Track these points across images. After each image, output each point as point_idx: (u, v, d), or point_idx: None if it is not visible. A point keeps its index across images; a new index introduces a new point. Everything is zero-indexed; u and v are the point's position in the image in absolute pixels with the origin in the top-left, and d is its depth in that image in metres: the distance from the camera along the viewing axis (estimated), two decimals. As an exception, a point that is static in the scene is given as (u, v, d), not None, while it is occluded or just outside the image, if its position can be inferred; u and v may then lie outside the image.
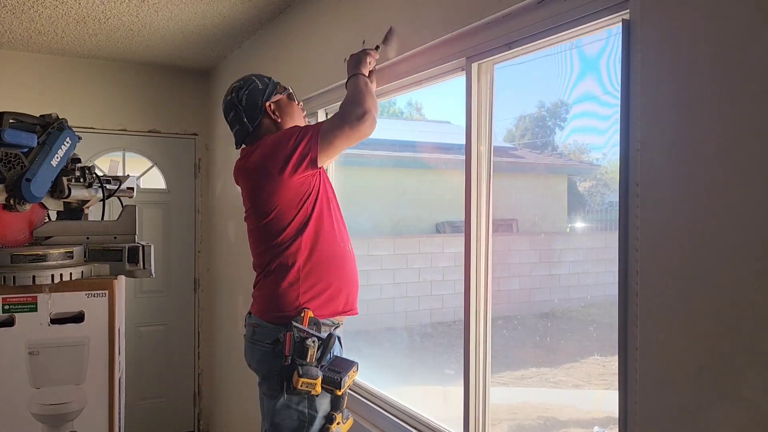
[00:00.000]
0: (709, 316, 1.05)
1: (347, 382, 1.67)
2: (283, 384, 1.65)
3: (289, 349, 1.63)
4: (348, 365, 1.69)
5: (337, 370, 1.66)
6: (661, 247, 1.13)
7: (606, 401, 2.03)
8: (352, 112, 1.67)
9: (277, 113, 1.86)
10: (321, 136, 1.67)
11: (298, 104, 1.96)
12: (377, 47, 1.96)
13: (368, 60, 1.86)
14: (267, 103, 1.84)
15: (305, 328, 1.65)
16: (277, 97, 1.87)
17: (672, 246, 1.11)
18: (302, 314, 1.67)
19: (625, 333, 1.21)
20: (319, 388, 1.63)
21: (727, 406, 1.02)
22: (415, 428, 2.04)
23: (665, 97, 1.13)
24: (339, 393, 1.65)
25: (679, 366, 1.10)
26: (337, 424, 1.70)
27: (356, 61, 1.86)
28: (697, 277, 1.07)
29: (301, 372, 1.60)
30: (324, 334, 1.68)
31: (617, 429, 1.25)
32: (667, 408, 1.12)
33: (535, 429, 2.19)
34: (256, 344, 1.76)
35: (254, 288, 1.85)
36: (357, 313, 1.84)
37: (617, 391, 1.25)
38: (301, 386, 1.60)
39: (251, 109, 1.83)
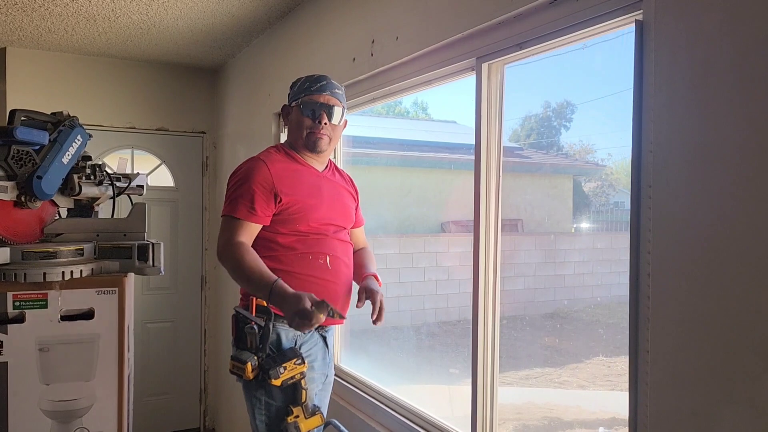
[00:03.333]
0: (722, 319, 1.05)
1: (283, 374, 1.62)
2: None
3: (233, 332, 1.69)
4: (287, 358, 1.64)
5: (275, 361, 1.63)
6: (674, 250, 1.13)
7: (611, 402, 2.02)
8: (223, 256, 1.75)
9: (285, 119, 1.91)
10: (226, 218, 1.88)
11: (323, 121, 1.81)
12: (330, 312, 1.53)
13: (314, 320, 1.49)
14: (290, 105, 1.87)
15: (246, 312, 1.66)
16: (294, 104, 1.84)
17: (685, 248, 1.11)
18: (249, 301, 1.69)
19: (636, 335, 1.21)
20: (249, 374, 1.61)
21: (739, 410, 1.02)
22: (421, 427, 2.04)
23: (679, 99, 1.13)
24: (273, 383, 1.61)
25: (690, 369, 1.10)
26: (295, 417, 1.67)
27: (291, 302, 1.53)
28: (710, 279, 1.07)
29: (233, 354, 1.66)
30: (263, 323, 1.64)
31: (625, 430, 1.25)
32: (677, 411, 1.12)
33: (540, 429, 2.19)
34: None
35: None
36: (342, 323, 1.84)
37: (626, 393, 1.24)
38: (231, 369, 1.65)
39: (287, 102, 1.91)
